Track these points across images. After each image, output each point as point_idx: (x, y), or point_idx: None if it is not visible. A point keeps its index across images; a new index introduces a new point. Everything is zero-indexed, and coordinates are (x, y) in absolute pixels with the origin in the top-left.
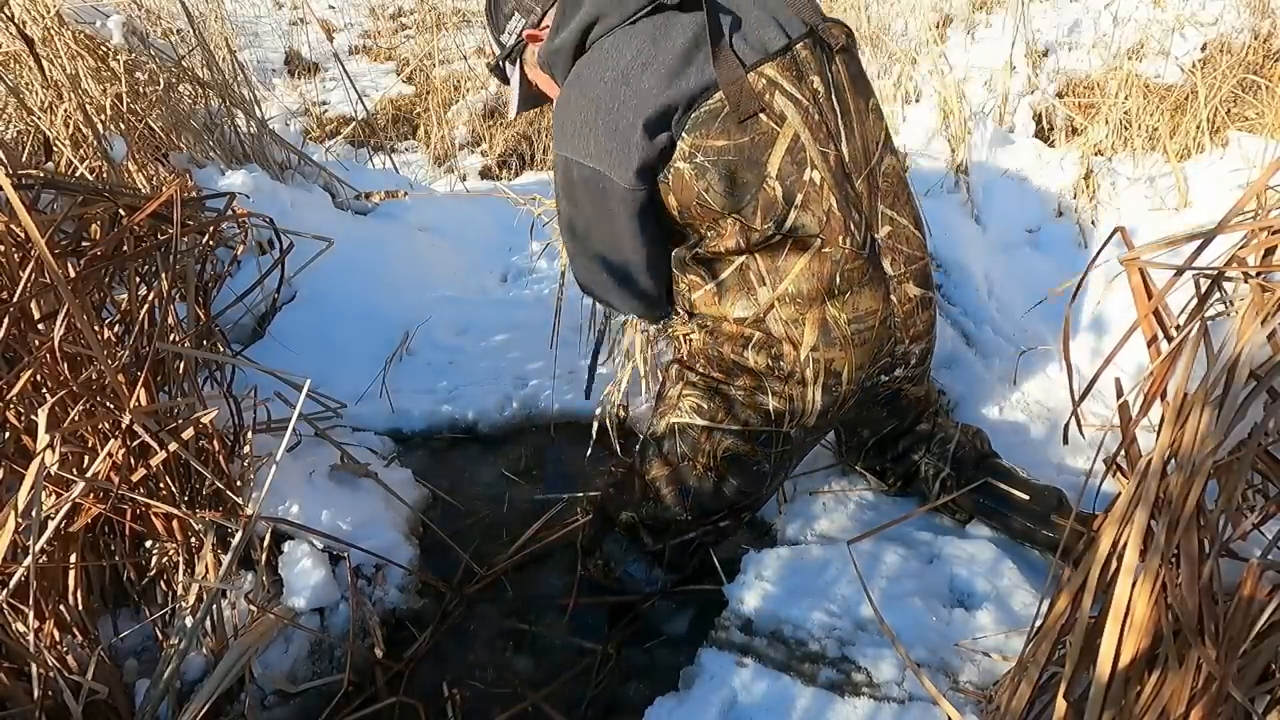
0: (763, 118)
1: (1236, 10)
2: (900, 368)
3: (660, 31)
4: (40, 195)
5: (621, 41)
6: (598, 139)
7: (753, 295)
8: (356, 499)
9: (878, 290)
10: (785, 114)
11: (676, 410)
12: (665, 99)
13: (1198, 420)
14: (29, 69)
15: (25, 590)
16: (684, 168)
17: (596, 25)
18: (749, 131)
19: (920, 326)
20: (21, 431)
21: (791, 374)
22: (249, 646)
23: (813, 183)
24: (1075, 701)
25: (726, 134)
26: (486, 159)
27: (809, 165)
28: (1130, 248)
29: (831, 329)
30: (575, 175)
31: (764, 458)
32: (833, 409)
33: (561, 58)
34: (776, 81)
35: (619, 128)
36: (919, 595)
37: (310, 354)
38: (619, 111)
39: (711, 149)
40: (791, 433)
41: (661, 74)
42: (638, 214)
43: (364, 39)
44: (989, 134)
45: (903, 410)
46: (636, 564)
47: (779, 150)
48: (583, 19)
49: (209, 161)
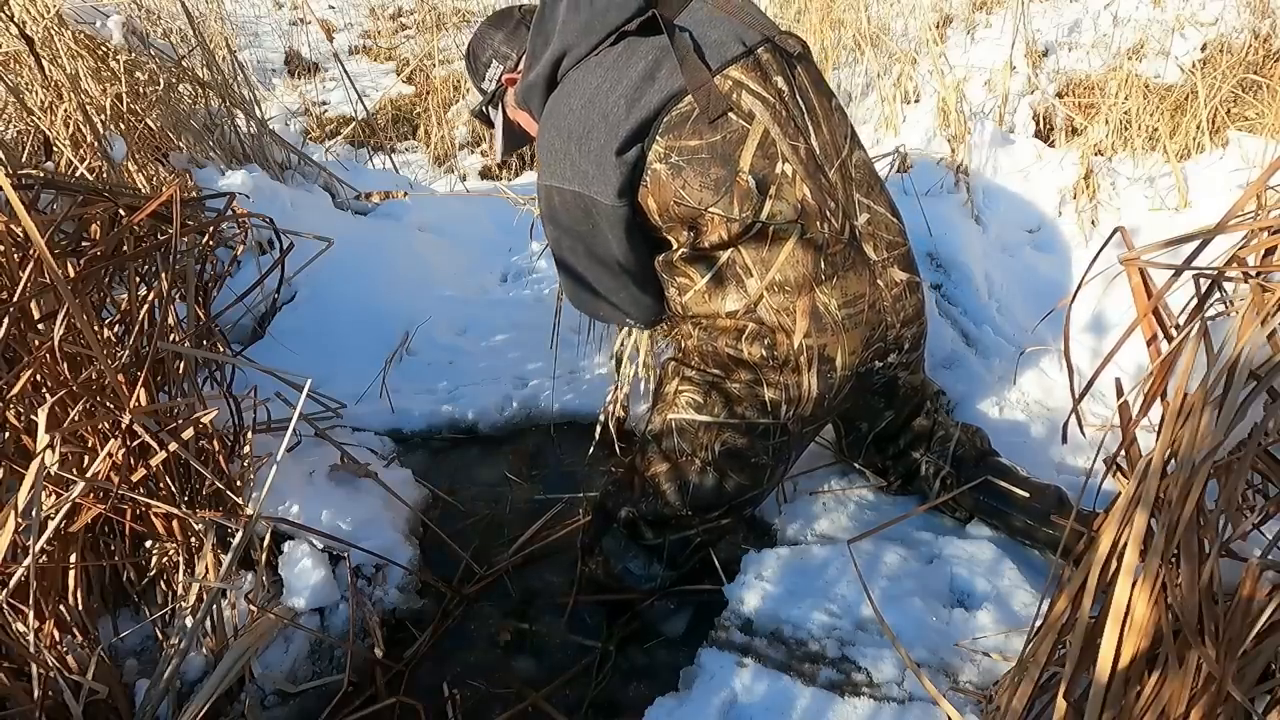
0: (732, 116)
1: (1236, 10)
2: (894, 353)
3: (623, 57)
4: (40, 195)
5: (587, 71)
6: (574, 163)
7: (742, 288)
8: (356, 499)
9: (863, 274)
10: (754, 111)
11: (674, 407)
12: (634, 117)
13: (1198, 420)
14: (29, 69)
15: (25, 590)
16: (660, 168)
17: (565, 59)
18: (720, 130)
19: (910, 310)
20: (21, 431)
21: (786, 362)
22: (249, 646)
23: (784, 174)
24: (1075, 701)
25: (698, 134)
26: (486, 159)
27: (780, 159)
28: (1130, 248)
29: (822, 315)
30: (557, 201)
31: (762, 450)
32: (829, 396)
33: (536, 93)
34: (742, 82)
35: (593, 149)
36: (919, 595)
37: (310, 354)
38: (591, 135)
39: (686, 149)
40: (789, 424)
41: (627, 94)
42: (623, 228)
43: (364, 39)
44: (989, 134)
45: (900, 401)
46: (636, 560)
47: (750, 146)
48: (552, 54)
49: (209, 161)
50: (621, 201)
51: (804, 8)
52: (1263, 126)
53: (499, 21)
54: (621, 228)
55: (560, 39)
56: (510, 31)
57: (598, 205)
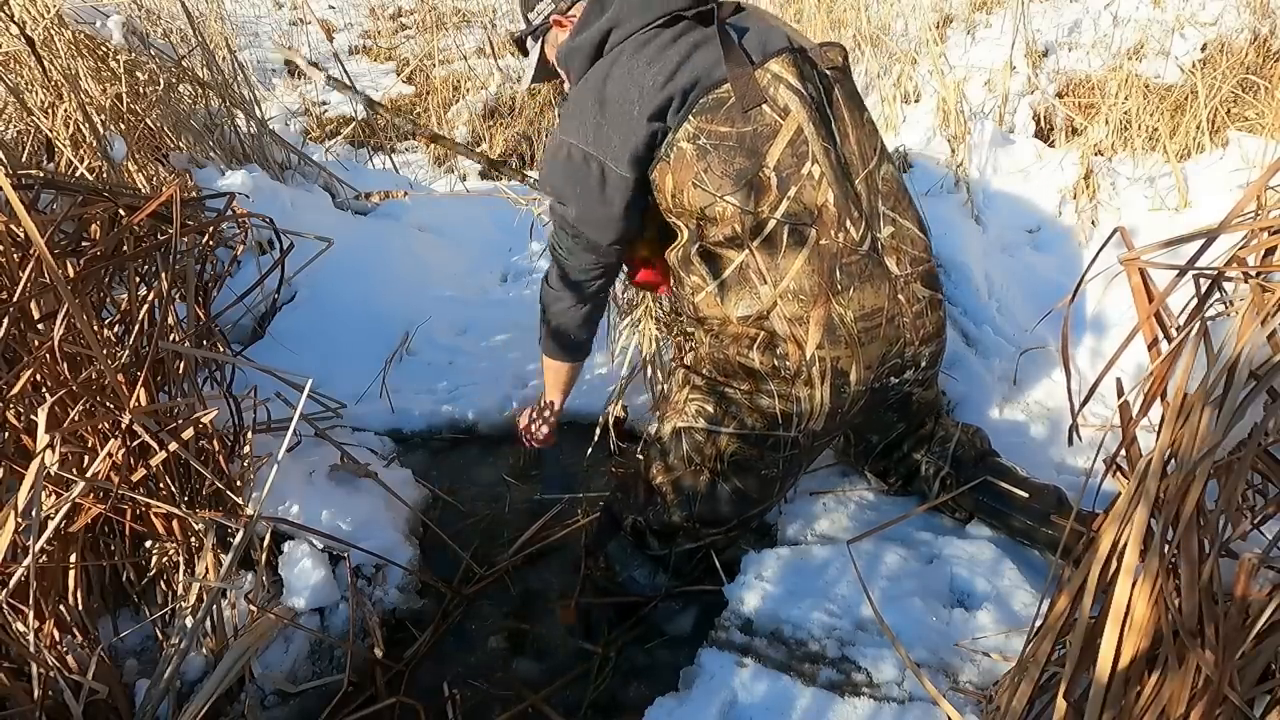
0: (766, 110)
1: (1236, 10)
2: (911, 369)
3: (670, 38)
4: (40, 195)
5: (634, 46)
6: (599, 129)
7: (754, 294)
8: (356, 499)
9: (881, 288)
10: (789, 107)
11: (683, 415)
12: (665, 92)
13: (1198, 420)
14: (29, 69)
15: (25, 590)
16: (687, 147)
17: (614, 31)
18: (752, 122)
19: (930, 329)
20: (21, 431)
21: (797, 374)
22: (249, 646)
23: (810, 176)
24: (1075, 701)
25: (731, 121)
26: None
27: (810, 159)
28: (1130, 248)
29: (837, 327)
30: (571, 155)
31: (772, 463)
32: (841, 411)
33: (579, 57)
34: (781, 76)
35: (621, 121)
36: (919, 595)
37: (310, 354)
38: (624, 106)
39: (715, 133)
40: (799, 437)
41: (666, 70)
42: (628, 198)
43: (364, 39)
44: (989, 134)
45: (913, 415)
46: (641, 569)
47: (780, 142)
48: (604, 24)
49: (209, 161)
50: (633, 174)
51: (804, 7)
52: (1263, 126)
53: None
54: (626, 198)
55: (616, 10)
56: None
57: (608, 171)
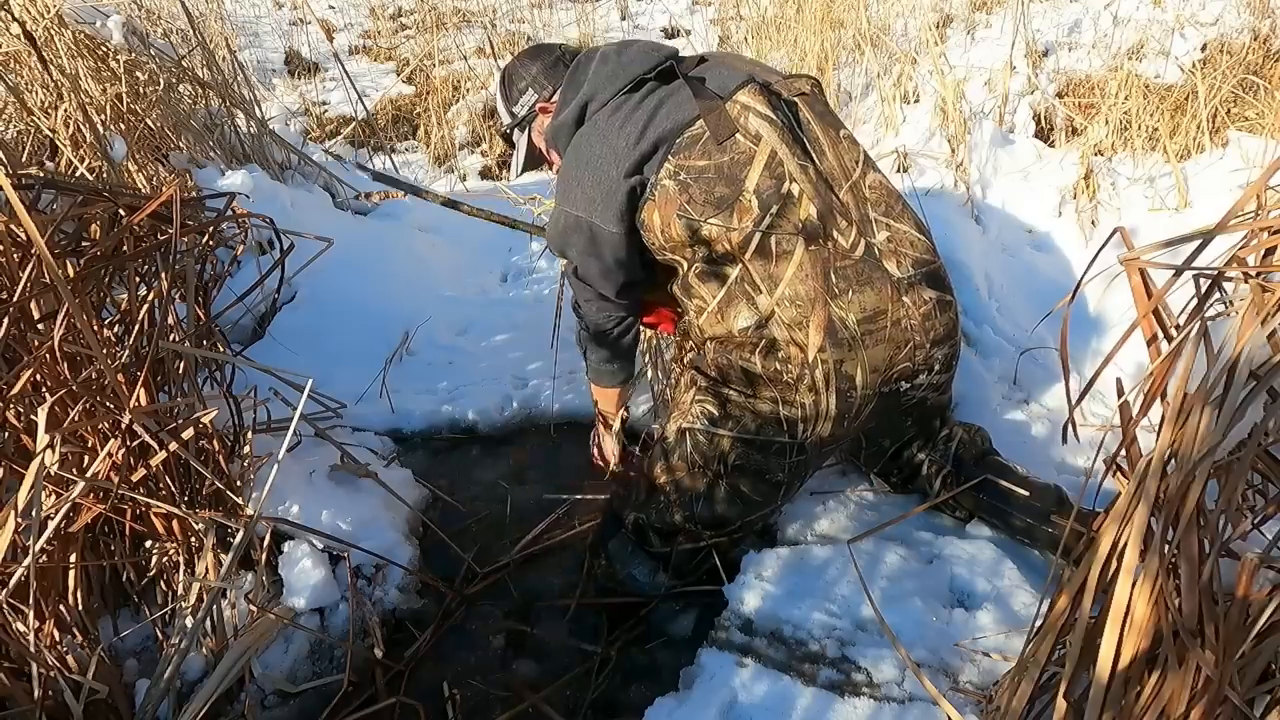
0: (740, 139)
1: (1236, 10)
2: (924, 373)
3: (639, 100)
4: (40, 195)
5: (607, 113)
6: (584, 190)
7: (753, 304)
8: (356, 499)
9: (883, 290)
10: (760, 133)
11: (688, 416)
12: (640, 147)
13: (1198, 420)
14: (29, 69)
15: (25, 590)
16: (669, 184)
17: (591, 103)
18: (728, 152)
19: (941, 330)
20: (21, 431)
21: (800, 378)
22: (249, 646)
23: (790, 194)
24: (1075, 701)
25: (707, 154)
26: (486, 159)
27: (788, 179)
28: (1130, 248)
29: (838, 329)
30: (567, 223)
31: (778, 468)
32: (849, 416)
33: (564, 132)
34: (750, 105)
35: (601, 178)
36: (919, 595)
37: (310, 354)
38: (602, 165)
39: (694, 168)
40: (806, 443)
41: (637, 127)
42: (619, 252)
43: (364, 39)
44: (989, 134)
45: (926, 419)
46: (641, 567)
47: (757, 167)
48: (580, 99)
49: (209, 161)
50: (620, 229)
51: (803, 7)
52: (1262, 126)
53: (538, 54)
54: (617, 252)
55: (590, 85)
56: (548, 65)
57: (598, 230)
